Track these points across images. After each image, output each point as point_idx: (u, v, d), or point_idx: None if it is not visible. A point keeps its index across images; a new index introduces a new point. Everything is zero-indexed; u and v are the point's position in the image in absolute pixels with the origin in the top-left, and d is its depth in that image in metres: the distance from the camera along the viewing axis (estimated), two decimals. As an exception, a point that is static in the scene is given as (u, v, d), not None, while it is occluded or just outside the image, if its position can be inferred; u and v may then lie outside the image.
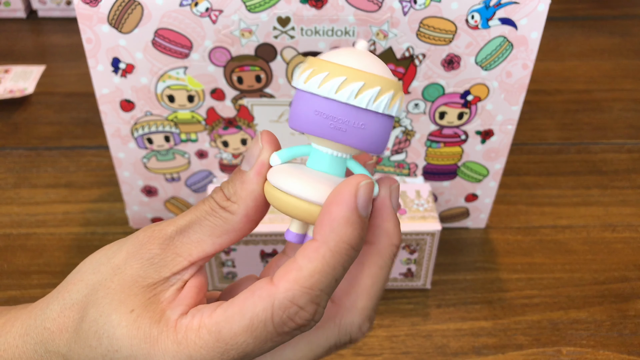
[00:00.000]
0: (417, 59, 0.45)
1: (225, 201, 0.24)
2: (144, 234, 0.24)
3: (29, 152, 0.66)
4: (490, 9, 0.42)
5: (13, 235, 0.56)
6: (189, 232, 0.24)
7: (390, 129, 0.24)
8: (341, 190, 0.22)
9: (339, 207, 0.22)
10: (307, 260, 0.21)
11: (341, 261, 0.22)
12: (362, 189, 0.22)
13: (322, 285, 0.21)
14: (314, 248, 0.22)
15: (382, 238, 0.24)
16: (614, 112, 0.73)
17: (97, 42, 0.43)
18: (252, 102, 0.47)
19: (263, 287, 0.22)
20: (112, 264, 0.24)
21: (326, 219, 0.22)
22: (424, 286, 0.51)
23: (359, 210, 0.22)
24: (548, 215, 0.58)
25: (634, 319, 0.49)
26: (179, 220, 0.24)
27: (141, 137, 0.49)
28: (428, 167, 0.52)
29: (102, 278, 0.24)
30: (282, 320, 0.21)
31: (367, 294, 0.24)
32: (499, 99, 0.47)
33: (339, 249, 0.21)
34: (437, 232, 0.47)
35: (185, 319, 0.23)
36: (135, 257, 0.24)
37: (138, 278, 0.24)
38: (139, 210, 0.55)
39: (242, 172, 0.24)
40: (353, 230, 0.22)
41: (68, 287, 0.25)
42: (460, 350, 0.46)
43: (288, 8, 0.42)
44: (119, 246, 0.25)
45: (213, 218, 0.24)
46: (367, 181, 0.22)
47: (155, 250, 0.24)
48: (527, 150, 0.67)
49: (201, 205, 0.24)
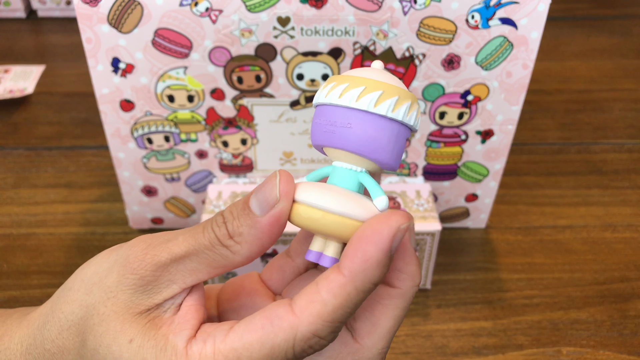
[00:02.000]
0: (417, 59, 0.45)
1: (229, 239, 0.23)
2: (135, 257, 0.23)
3: (29, 152, 0.66)
4: (490, 8, 0.42)
5: (13, 235, 0.56)
6: (185, 261, 0.23)
7: (391, 133, 0.23)
8: (379, 230, 0.21)
9: (374, 247, 0.21)
10: (331, 296, 0.21)
11: (363, 298, 0.22)
12: (401, 234, 0.21)
13: (343, 318, 0.22)
14: (340, 284, 0.21)
15: (406, 282, 0.24)
16: (614, 112, 0.73)
17: (97, 42, 0.43)
18: (252, 102, 0.47)
19: (283, 317, 0.21)
20: (104, 286, 0.23)
21: (359, 257, 0.21)
22: (424, 286, 0.51)
23: (391, 252, 0.21)
24: (548, 215, 0.58)
25: (634, 319, 0.49)
26: (174, 247, 0.23)
27: (141, 137, 0.49)
28: (428, 167, 0.52)
29: (95, 301, 0.23)
30: (303, 349, 0.22)
31: (389, 336, 0.24)
32: (499, 99, 0.47)
33: (365, 288, 0.21)
34: (437, 232, 0.47)
35: (197, 345, 0.22)
36: (127, 281, 0.23)
37: (131, 304, 0.23)
38: (138, 210, 0.55)
39: (252, 214, 0.22)
40: (381, 272, 0.21)
41: (62, 307, 0.24)
42: (460, 351, 0.46)
43: (288, 8, 0.42)
44: (109, 265, 0.24)
45: (212, 253, 0.23)
46: (407, 224, 0.22)
47: (149, 277, 0.23)
48: (527, 150, 0.67)
49: (199, 236, 0.23)
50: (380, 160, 0.24)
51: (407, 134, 0.24)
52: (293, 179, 0.23)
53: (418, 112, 0.24)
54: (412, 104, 0.24)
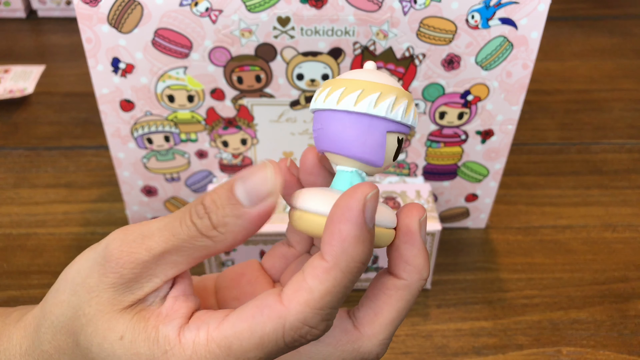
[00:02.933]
0: (417, 59, 0.45)
1: (212, 230, 0.21)
2: (112, 256, 0.22)
3: (29, 152, 0.66)
4: (490, 8, 0.42)
5: (13, 235, 0.56)
6: (165, 256, 0.22)
7: (360, 127, 0.23)
8: (348, 206, 0.21)
9: (348, 224, 0.21)
10: (318, 282, 0.21)
11: (353, 279, 0.21)
12: (370, 203, 0.21)
13: (333, 304, 0.21)
14: (325, 269, 0.21)
15: (413, 274, 0.24)
16: (614, 112, 0.73)
17: (97, 42, 0.43)
18: (252, 102, 0.47)
19: (272, 306, 0.21)
20: (87, 286, 0.23)
21: (336, 239, 0.21)
22: (424, 286, 0.51)
23: (368, 225, 0.21)
24: (548, 215, 0.58)
25: (634, 319, 0.49)
26: (152, 244, 0.22)
27: (141, 137, 0.49)
28: (428, 167, 0.52)
29: (81, 301, 0.23)
30: (294, 338, 0.21)
31: (390, 327, 0.24)
32: (499, 98, 0.47)
33: (350, 269, 0.21)
34: (437, 232, 0.47)
35: (190, 333, 0.22)
36: (108, 280, 0.22)
37: (114, 301, 0.23)
38: (138, 210, 0.55)
39: (239, 205, 0.21)
40: (364, 247, 0.21)
41: (52, 309, 0.24)
42: (460, 351, 0.46)
43: (288, 8, 0.42)
44: (90, 264, 0.24)
45: (192, 245, 0.22)
46: (373, 192, 0.21)
47: (129, 275, 0.22)
48: (527, 150, 0.67)
49: (178, 230, 0.22)
50: (355, 156, 0.24)
51: (384, 127, 0.23)
52: (282, 169, 0.23)
53: (394, 103, 0.23)
54: (381, 95, 0.23)
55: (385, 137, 0.24)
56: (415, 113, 0.24)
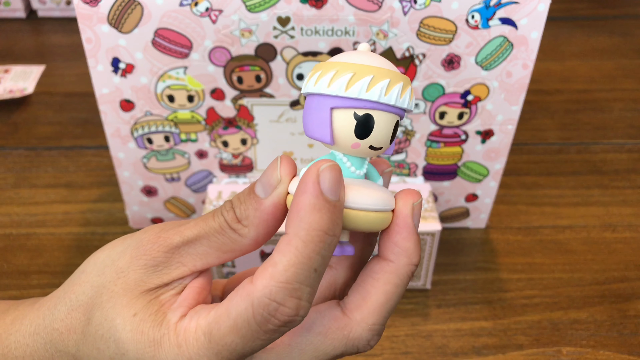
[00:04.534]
0: (417, 59, 0.45)
1: (237, 223, 0.23)
2: (148, 240, 0.24)
3: (29, 152, 0.66)
4: (490, 8, 0.42)
5: (13, 235, 0.56)
6: (195, 244, 0.24)
7: (309, 106, 0.24)
8: (303, 179, 0.21)
9: (302, 195, 0.21)
10: (280, 255, 0.21)
11: (316, 249, 0.21)
12: (324, 174, 0.21)
13: (300, 277, 0.21)
14: (286, 241, 0.21)
15: (400, 257, 0.24)
16: (614, 112, 0.73)
17: (97, 42, 0.43)
18: (252, 102, 0.47)
19: (244, 286, 0.22)
20: (116, 267, 0.24)
21: (293, 211, 0.21)
22: (424, 286, 0.51)
23: (326, 195, 0.21)
24: (548, 215, 0.58)
25: (634, 319, 0.49)
26: (185, 231, 0.24)
27: (141, 137, 0.49)
28: (428, 167, 0.52)
29: (107, 280, 0.24)
30: (264, 317, 0.21)
31: (379, 311, 0.24)
32: (499, 98, 0.47)
33: (311, 237, 0.21)
34: (437, 232, 0.47)
35: (184, 322, 0.23)
36: (139, 262, 0.24)
37: (140, 282, 0.24)
38: (138, 210, 0.55)
39: (257, 197, 0.23)
40: (322, 215, 0.21)
41: (74, 288, 0.25)
42: (460, 350, 0.46)
43: (288, 8, 0.42)
44: (123, 248, 0.25)
45: (221, 236, 0.24)
46: (327, 164, 0.22)
47: (160, 258, 0.24)
48: (527, 150, 0.67)
49: (210, 221, 0.24)
50: (309, 135, 0.24)
51: (327, 104, 0.23)
52: (294, 162, 0.24)
53: (352, 80, 0.22)
54: (338, 72, 0.23)
55: (326, 113, 0.23)
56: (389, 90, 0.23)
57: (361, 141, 0.23)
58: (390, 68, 0.23)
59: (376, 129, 0.23)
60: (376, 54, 0.24)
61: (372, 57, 0.23)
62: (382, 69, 0.23)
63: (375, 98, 0.23)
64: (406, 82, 0.23)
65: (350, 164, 0.24)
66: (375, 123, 0.23)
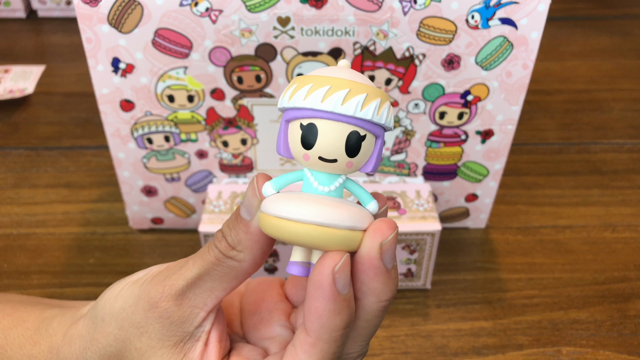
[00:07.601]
0: (417, 59, 0.45)
1: (231, 250, 0.24)
2: (156, 290, 0.24)
3: (29, 152, 0.66)
4: (490, 8, 0.42)
5: (13, 235, 0.56)
6: (200, 283, 0.24)
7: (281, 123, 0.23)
8: (319, 283, 0.21)
9: (320, 301, 0.21)
10: (307, 356, 0.22)
11: (339, 344, 0.22)
12: (339, 275, 0.21)
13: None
14: (310, 344, 0.22)
15: (368, 296, 0.23)
16: (614, 112, 0.73)
17: (97, 42, 0.43)
18: (252, 102, 0.47)
19: None
20: (134, 323, 0.25)
21: (313, 315, 0.22)
22: (424, 286, 0.51)
23: (341, 293, 0.22)
24: (548, 215, 0.58)
25: (634, 319, 0.49)
26: (186, 272, 0.24)
27: (141, 137, 0.49)
28: (428, 167, 0.52)
29: (130, 336, 0.25)
30: None
31: (352, 342, 0.24)
32: (499, 99, 0.47)
33: (333, 338, 0.22)
34: (437, 232, 0.47)
35: None
36: (154, 315, 0.24)
37: (163, 337, 0.24)
38: (139, 210, 0.55)
39: (244, 221, 0.24)
40: (342, 317, 0.22)
41: (98, 338, 0.26)
42: (460, 350, 0.46)
43: (288, 8, 0.42)
44: (134, 300, 0.25)
45: (221, 268, 0.24)
46: (341, 263, 0.21)
47: (172, 308, 0.24)
48: (527, 150, 0.67)
49: (206, 255, 0.24)
50: (278, 153, 0.24)
51: (284, 117, 0.23)
52: (269, 178, 0.24)
53: (310, 89, 0.22)
54: (297, 86, 0.22)
55: (286, 127, 0.23)
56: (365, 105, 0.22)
57: (309, 152, 0.22)
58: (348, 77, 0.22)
59: (321, 138, 0.22)
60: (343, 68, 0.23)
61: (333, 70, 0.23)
62: (340, 80, 0.22)
63: (316, 106, 0.21)
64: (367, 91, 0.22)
65: (314, 179, 0.23)
66: (319, 132, 0.22)
